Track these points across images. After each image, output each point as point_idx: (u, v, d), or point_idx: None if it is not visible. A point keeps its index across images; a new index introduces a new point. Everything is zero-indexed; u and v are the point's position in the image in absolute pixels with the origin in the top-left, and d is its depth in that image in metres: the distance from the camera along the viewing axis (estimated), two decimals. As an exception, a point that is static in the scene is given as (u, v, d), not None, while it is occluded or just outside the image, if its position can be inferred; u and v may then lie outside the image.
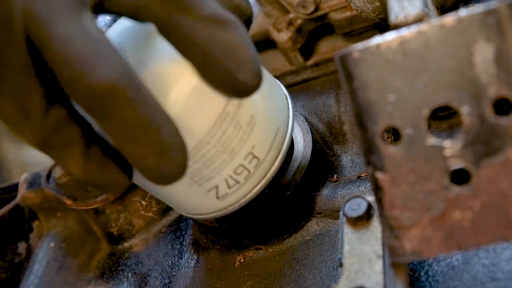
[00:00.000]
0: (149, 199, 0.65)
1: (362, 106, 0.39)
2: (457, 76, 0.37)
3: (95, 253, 0.67)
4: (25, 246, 0.71)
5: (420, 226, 0.39)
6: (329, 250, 0.53)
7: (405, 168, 0.39)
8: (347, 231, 0.45)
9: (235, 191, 0.51)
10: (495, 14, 0.36)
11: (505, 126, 0.37)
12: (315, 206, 0.56)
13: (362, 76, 0.38)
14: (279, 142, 0.52)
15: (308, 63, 0.69)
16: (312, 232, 0.55)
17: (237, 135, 0.48)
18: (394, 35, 0.38)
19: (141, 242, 0.65)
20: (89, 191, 0.66)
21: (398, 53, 0.38)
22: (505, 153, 0.37)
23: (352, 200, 0.46)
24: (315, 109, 0.63)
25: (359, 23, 0.66)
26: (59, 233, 0.69)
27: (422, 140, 0.38)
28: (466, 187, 0.38)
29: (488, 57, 0.36)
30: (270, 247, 0.56)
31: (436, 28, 0.37)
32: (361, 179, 0.56)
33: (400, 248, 0.40)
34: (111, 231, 0.66)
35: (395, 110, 0.38)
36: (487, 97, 0.36)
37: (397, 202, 0.39)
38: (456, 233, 0.39)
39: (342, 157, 0.59)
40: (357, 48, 0.38)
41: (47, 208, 0.69)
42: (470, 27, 0.36)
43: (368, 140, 0.39)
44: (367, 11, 0.55)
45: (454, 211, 0.39)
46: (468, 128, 0.37)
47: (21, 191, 0.69)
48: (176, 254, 0.62)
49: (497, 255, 0.46)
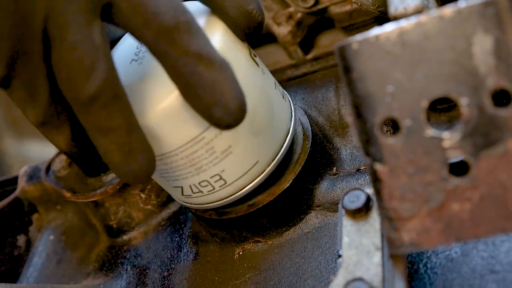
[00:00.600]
0: (149, 192, 0.65)
1: (361, 97, 0.39)
2: (456, 67, 0.37)
3: (95, 246, 0.67)
4: (24, 239, 0.71)
5: (419, 218, 0.39)
6: (328, 242, 0.53)
7: (404, 159, 0.39)
8: (346, 223, 0.45)
9: (198, 197, 0.54)
10: (494, 5, 0.36)
11: (504, 117, 0.36)
12: (314, 199, 0.56)
13: (361, 67, 0.38)
14: (254, 173, 0.53)
15: (308, 57, 0.69)
16: (311, 224, 0.55)
17: (208, 158, 0.51)
18: (393, 26, 0.38)
19: (140, 235, 0.65)
20: (88, 183, 0.66)
21: (397, 44, 0.38)
22: (504, 145, 0.37)
23: (351, 192, 0.46)
24: (315, 102, 0.63)
25: (359, 17, 0.65)
26: (58, 226, 0.69)
27: (421, 131, 0.38)
28: (465, 178, 0.38)
29: (487, 48, 0.36)
30: (269, 240, 0.56)
31: (435, 19, 0.37)
32: (360, 172, 0.56)
33: (399, 239, 0.40)
34: (111, 224, 0.66)
35: (394, 101, 0.38)
36: (486, 88, 0.36)
37: (395, 193, 0.39)
38: (454, 225, 0.39)
39: (341, 150, 0.59)
40: (356, 39, 0.38)
41: (47, 201, 0.69)
42: (469, 18, 0.36)
43: (367, 132, 0.39)
44: (367, 4, 0.55)
45: (452, 202, 0.39)
46: (467, 119, 0.37)
47: (21, 184, 0.70)
48: (175, 247, 0.62)
49: (496, 247, 0.46)
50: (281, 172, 0.55)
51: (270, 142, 0.53)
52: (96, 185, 0.65)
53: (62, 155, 0.68)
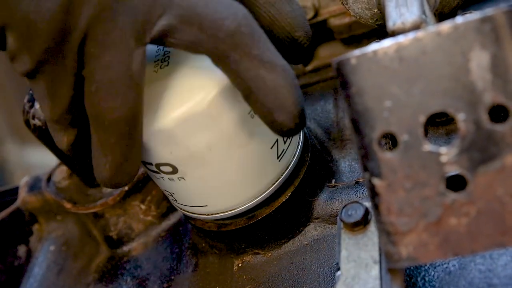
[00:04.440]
0: (149, 203, 0.65)
1: (359, 112, 0.39)
2: (453, 83, 0.37)
3: (95, 256, 0.68)
4: (25, 249, 0.71)
5: (416, 232, 0.40)
6: (326, 255, 0.53)
7: (401, 174, 0.39)
8: (344, 237, 0.46)
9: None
10: (491, 21, 0.36)
11: (501, 133, 0.37)
12: (313, 211, 0.56)
13: (359, 82, 0.39)
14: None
15: (307, 68, 0.69)
16: (310, 237, 0.56)
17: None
18: (391, 42, 0.38)
19: (140, 246, 0.65)
20: (89, 194, 0.66)
21: (394, 60, 0.38)
22: (501, 160, 0.37)
23: (349, 205, 0.46)
24: (314, 114, 0.63)
25: (359, 29, 0.66)
26: (59, 237, 0.69)
27: (418, 146, 0.38)
28: (462, 193, 0.38)
29: (484, 64, 0.36)
30: (268, 252, 0.56)
31: (433, 35, 0.37)
32: (359, 184, 0.56)
33: (397, 253, 0.40)
34: (111, 235, 0.66)
35: (392, 116, 0.38)
36: (483, 104, 0.37)
37: (393, 208, 0.40)
38: (452, 239, 0.39)
39: (340, 162, 0.60)
40: (354, 54, 0.38)
41: (47, 211, 0.69)
42: (466, 34, 0.36)
43: (365, 146, 0.39)
44: (366, 18, 0.55)
45: (450, 217, 0.39)
46: (464, 134, 0.37)
47: (22, 195, 0.70)
48: (175, 258, 0.62)
49: (494, 261, 0.46)
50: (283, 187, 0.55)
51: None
52: (97, 196, 0.65)
53: (63, 166, 0.69)
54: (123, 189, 0.64)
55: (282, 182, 0.53)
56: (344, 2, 0.55)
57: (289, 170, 0.54)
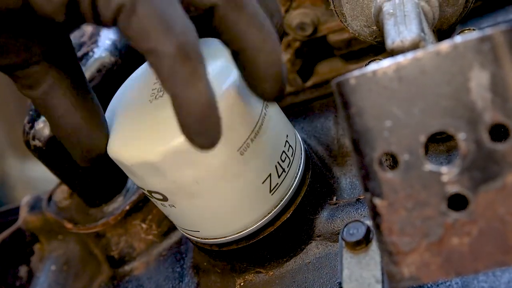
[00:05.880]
0: (150, 222, 0.65)
1: (359, 132, 0.39)
2: (453, 102, 0.37)
3: (96, 276, 0.67)
4: (26, 269, 0.71)
5: (418, 252, 0.39)
6: (328, 273, 0.53)
7: (402, 194, 0.39)
8: (346, 256, 0.46)
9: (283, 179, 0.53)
10: (489, 40, 0.36)
11: (502, 151, 0.37)
12: (314, 229, 0.56)
13: (359, 103, 0.39)
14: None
15: (306, 84, 0.69)
16: (311, 255, 0.55)
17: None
18: (390, 62, 0.38)
19: (142, 265, 0.65)
20: (90, 214, 0.66)
21: (394, 80, 0.38)
22: (502, 179, 0.37)
23: (351, 224, 0.46)
24: (314, 131, 0.63)
25: (358, 45, 0.66)
26: (60, 256, 0.69)
27: (419, 166, 0.38)
28: (463, 212, 0.38)
29: (483, 83, 0.36)
30: (270, 271, 0.56)
31: (432, 54, 0.37)
32: (360, 201, 0.56)
33: (399, 273, 0.40)
34: (112, 254, 0.66)
35: (392, 136, 0.38)
36: (483, 123, 0.37)
37: (395, 227, 0.39)
38: (454, 259, 0.39)
39: (341, 180, 0.59)
40: (354, 75, 0.38)
41: (48, 231, 0.69)
42: (465, 54, 0.36)
43: (366, 166, 0.39)
44: (364, 35, 0.55)
45: (451, 236, 0.39)
46: (465, 154, 0.37)
47: (22, 215, 0.70)
48: (177, 277, 0.62)
49: (497, 278, 0.46)
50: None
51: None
52: (98, 216, 0.65)
53: (64, 186, 0.68)
54: (124, 209, 0.64)
55: (275, 215, 0.53)
56: (342, 20, 0.55)
57: (284, 203, 0.53)
